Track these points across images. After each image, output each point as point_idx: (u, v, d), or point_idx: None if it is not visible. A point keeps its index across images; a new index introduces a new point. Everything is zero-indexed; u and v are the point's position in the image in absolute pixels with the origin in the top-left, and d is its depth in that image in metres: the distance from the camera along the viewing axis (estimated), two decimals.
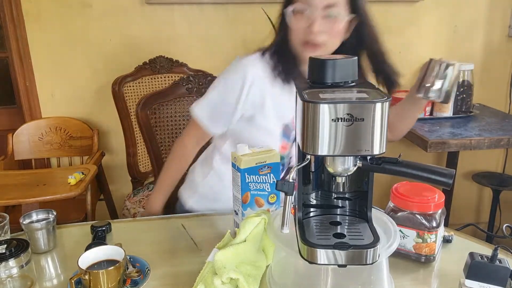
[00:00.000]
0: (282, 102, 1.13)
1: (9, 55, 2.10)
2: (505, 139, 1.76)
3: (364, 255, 0.65)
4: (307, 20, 1.04)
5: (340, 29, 1.07)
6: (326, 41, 1.06)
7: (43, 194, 1.57)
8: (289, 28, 1.09)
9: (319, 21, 1.03)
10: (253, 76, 1.11)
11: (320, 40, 1.05)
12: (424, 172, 0.64)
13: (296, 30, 1.07)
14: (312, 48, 1.06)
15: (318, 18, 1.03)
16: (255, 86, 1.11)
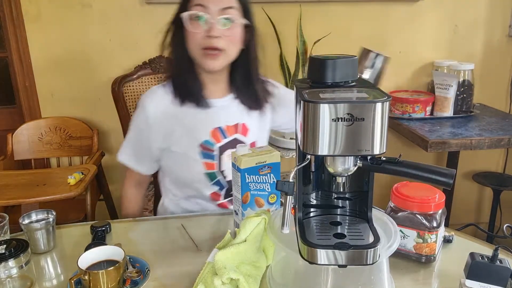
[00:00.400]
0: (191, 123, 1.15)
1: (8, 55, 2.10)
2: (505, 139, 1.76)
3: (364, 255, 0.65)
4: (206, 25, 1.05)
5: (238, 34, 1.09)
6: (225, 47, 1.06)
7: (43, 194, 1.57)
8: (186, 38, 1.08)
9: (217, 26, 1.04)
10: (153, 109, 1.14)
11: (220, 45, 1.05)
12: (424, 172, 0.64)
13: (194, 36, 1.06)
14: (212, 56, 1.06)
15: (216, 23, 1.04)
16: (157, 118, 1.14)
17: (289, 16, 2.11)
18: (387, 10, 2.22)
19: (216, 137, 1.16)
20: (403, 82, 2.35)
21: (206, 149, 1.16)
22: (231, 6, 1.06)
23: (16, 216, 0.97)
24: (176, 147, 1.16)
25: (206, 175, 1.17)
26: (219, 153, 1.17)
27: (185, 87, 1.14)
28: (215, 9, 1.04)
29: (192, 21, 1.06)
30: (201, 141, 1.15)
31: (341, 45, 2.21)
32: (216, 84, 1.17)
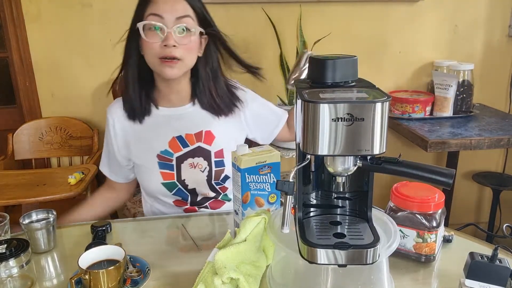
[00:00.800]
0: (148, 134, 1.16)
1: (9, 55, 2.10)
2: (505, 139, 1.76)
3: (364, 255, 0.65)
4: (161, 35, 1.04)
5: (194, 42, 1.08)
6: (182, 56, 1.05)
7: (43, 194, 1.57)
8: (142, 48, 1.08)
9: (173, 35, 1.03)
10: (112, 121, 1.18)
11: (177, 54, 1.04)
12: (424, 172, 0.64)
13: (151, 46, 1.05)
14: (169, 63, 1.05)
15: (172, 32, 1.03)
16: (117, 129, 1.17)
17: (289, 16, 2.11)
18: (387, 10, 2.22)
19: (175, 146, 1.15)
20: (403, 82, 2.35)
21: (164, 159, 1.15)
22: (187, 14, 1.05)
23: (17, 215, 0.97)
24: (135, 157, 1.18)
25: (164, 185, 1.16)
26: (178, 162, 1.16)
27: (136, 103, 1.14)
28: (170, 19, 1.03)
29: (148, 31, 1.05)
30: (158, 152, 1.15)
31: (341, 45, 2.21)
32: (177, 93, 1.16)
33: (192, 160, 1.16)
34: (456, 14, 2.26)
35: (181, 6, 1.05)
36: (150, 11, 1.04)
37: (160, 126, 1.16)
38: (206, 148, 1.17)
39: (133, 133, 1.17)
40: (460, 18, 2.27)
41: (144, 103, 1.15)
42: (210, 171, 1.17)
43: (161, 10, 1.03)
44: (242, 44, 2.20)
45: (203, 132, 1.17)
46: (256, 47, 2.19)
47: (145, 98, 1.15)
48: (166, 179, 1.16)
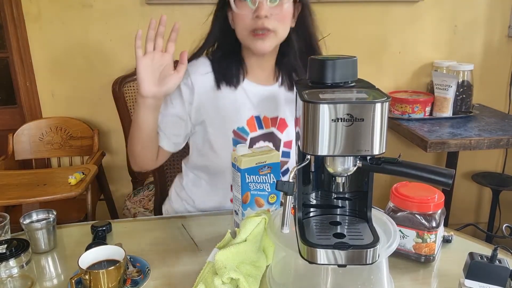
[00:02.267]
0: (229, 107, 1.09)
1: (9, 55, 2.10)
2: (504, 139, 1.76)
3: (364, 255, 0.65)
4: (252, 5, 0.99)
5: (287, 12, 1.02)
6: (276, 27, 1.01)
7: (44, 194, 1.58)
8: (234, 20, 1.03)
9: (265, 5, 0.98)
10: (196, 81, 1.08)
11: (270, 26, 1.00)
12: (423, 172, 0.64)
13: (242, 18, 1.01)
14: (262, 36, 1.00)
15: (263, 2, 0.98)
16: (197, 88, 1.08)
17: None
18: (387, 11, 2.22)
19: (252, 126, 1.11)
20: (403, 82, 2.35)
21: (239, 137, 1.10)
22: None
23: (17, 215, 0.97)
24: (210, 127, 1.10)
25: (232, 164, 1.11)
26: (250, 143, 1.11)
27: (228, 71, 1.09)
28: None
29: (238, 2, 1.00)
30: (235, 127, 1.10)
31: (341, 46, 2.21)
32: (263, 70, 1.12)
33: (263, 144, 1.12)
34: (456, 14, 2.26)
35: None
36: None
37: (242, 102, 1.11)
38: (278, 135, 1.14)
39: (213, 101, 1.09)
40: (460, 18, 2.27)
41: (235, 74, 1.09)
42: None
43: None
44: None
45: (278, 118, 1.13)
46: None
47: (235, 69, 1.09)
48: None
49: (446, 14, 2.26)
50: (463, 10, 2.26)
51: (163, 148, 1.11)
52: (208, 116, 1.10)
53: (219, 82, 1.09)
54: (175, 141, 1.12)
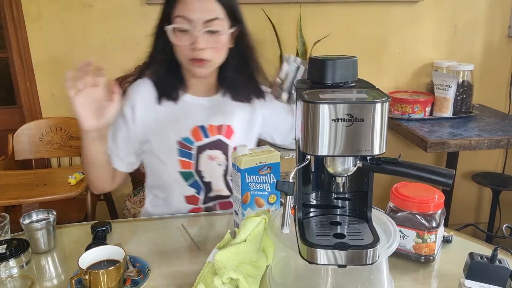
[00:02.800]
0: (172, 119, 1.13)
1: (9, 55, 2.10)
2: (504, 139, 1.76)
3: (364, 255, 0.65)
4: (190, 38, 1.02)
5: (224, 43, 1.07)
6: (212, 57, 1.06)
7: (43, 194, 1.58)
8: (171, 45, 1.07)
9: (201, 38, 1.02)
10: (135, 99, 1.13)
11: (206, 56, 1.04)
12: (424, 172, 0.64)
13: (180, 48, 1.05)
14: (200, 64, 1.05)
15: (200, 35, 1.01)
16: (139, 108, 1.13)
17: (289, 17, 2.11)
18: (387, 11, 2.22)
19: (197, 135, 1.14)
20: (403, 82, 2.35)
21: (184, 147, 1.14)
22: (216, 17, 1.03)
23: (17, 216, 0.97)
24: (155, 141, 1.14)
25: (181, 174, 1.15)
26: (197, 152, 1.15)
27: (168, 86, 1.13)
28: (199, 21, 1.01)
29: (177, 32, 1.04)
30: (179, 138, 1.13)
31: (341, 46, 2.21)
32: (205, 85, 1.17)
33: (211, 152, 1.15)
34: (456, 14, 2.26)
35: (210, 5, 1.03)
36: (178, 12, 1.02)
37: (185, 114, 1.14)
38: (226, 142, 1.16)
39: (155, 116, 1.14)
40: (460, 18, 2.27)
41: (175, 88, 1.14)
42: (227, 165, 1.17)
43: (189, 12, 1.01)
44: None
45: (225, 126, 1.17)
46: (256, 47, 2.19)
47: (175, 84, 1.14)
48: (184, 167, 1.14)
49: (446, 14, 2.26)
50: (463, 10, 2.26)
51: (118, 170, 1.16)
52: (152, 131, 1.14)
53: (160, 97, 1.14)
54: (128, 161, 1.17)
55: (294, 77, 0.99)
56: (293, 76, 0.98)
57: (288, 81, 0.98)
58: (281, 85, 0.99)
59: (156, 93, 1.14)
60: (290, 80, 0.98)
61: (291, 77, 0.97)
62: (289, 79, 0.98)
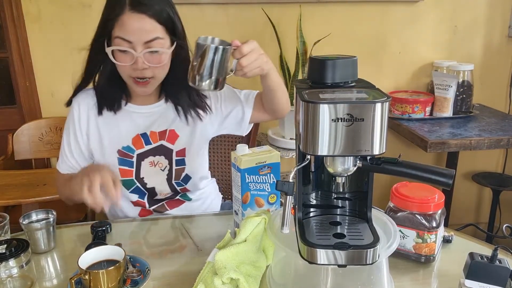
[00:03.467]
0: (113, 129, 1.14)
1: (9, 55, 2.10)
2: (505, 139, 1.76)
3: (364, 255, 0.65)
4: (131, 58, 1.01)
5: (165, 59, 1.05)
6: (154, 74, 1.05)
7: (43, 194, 1.58)
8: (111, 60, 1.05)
9: (142, 59, 1.00)
10: (78, 110, 1.15)
11: (148, 75, 1.04)
12: (424, 172, 0.64)
13: (121, 67, 1.04)
14: (143, 84, 1.05)
15: (141, 56, 1.00)
16: (82, 117, 1.14)
17: (289, 17, 2.11)
18: (387, 11, 2.22)
19: (137, 143, 1.15)
20: (403, 82, 2.35)
21: (125, 156, 1.15)
22: (156, 37, 1.00)
23: (17, 216, 0.97)
24: (96, 151, 1.16)
25: (121, 183, 1.12)
26: (138, 159, 1.15)
27: (109, 98, 1.13)
28: (139, 43, 0.99)
29: (117, 52, 1.02)
30: (120, 147, 1.14)
31: (341, 46, 2.21)
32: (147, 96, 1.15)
33: (153, 158, 1.16)
34: (455, 14, 2.26)
35: (149, 26, 1.00)
36: (118, 33, 1.00)
37: (126, 123, 1.15)
38: (169, 146, 1.16)
39: (96, 126, 1.15)
40: (460, 18, 2.27)
41: (116, 99, 1.13)
42: (170, 170, 1.18)
43: (128, 34, 0.99)
44: None
45: (167, 131, 1.16)
46: None
47: (117, 94, 1.13)
48: (124, 176, 1.15)
49: (446, 14, 2.26)
50: (463, 10, 2.26)
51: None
52: (93, 141, 1.16)
53: (100, 109, 1.14)
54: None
55: (213, 60, 0.86)
56: (211, 59, 0.86)
57: (206, 65, 0.86)
58: (197, 71, 0.87)
59: (97, 104, 1.14)
60: (208, 64, 0.86)
61: (209, 60, 0.85)
62: (207, 63, 0.86)
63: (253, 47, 0.91)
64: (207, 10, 2.11)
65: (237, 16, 2.14)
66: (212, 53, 0.85)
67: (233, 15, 2.14)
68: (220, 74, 0.88)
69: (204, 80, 0.87)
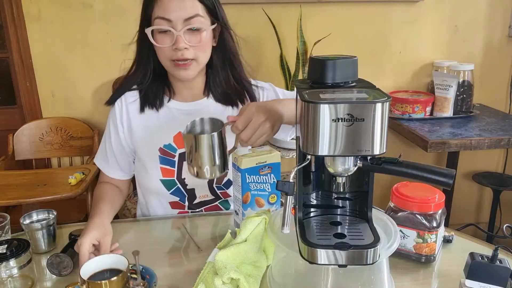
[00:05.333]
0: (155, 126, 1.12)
1: (9, 55, 2.10)
2: (505, 139, 1.76)
3: (364, 255, 0.65)
4: (171, 38, 0.99)
5: (206, 40, 1.03)
6: (196, 56, 1.02)
7: (44, 194, 1.58)
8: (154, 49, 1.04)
9: (183, 37, 0.99)
10: (120, 110, 1.14)
11: (190, 56, 1.01)
12: (424, 172, 0.64)
13: (162, 50, 1.02)
14: (184, 66, 1.02)
15: (181, 34, 0.98)
16: (125, 116, 1.13)
17: (289, 17, 2.11)
18: (387, 11, 2.22)
19: (180, 142, 1.12)
20: (403, 82, 2.35)
21: (166, 154, 1.12)
22: (196, 14, 0.99)
23: (17, 216, 0.97)
24: (139, 149, 1.14)
25: (162, 183, 1.13)
26: (180, 159, 1.12)
27: (151, 94, 1.12)
28: (179, 20, 0.98)
29: (157, 34, 1.01)
30: (161, 145, 1.12)
31: (341, 46, 2.21)
32: (191, 89, 1.14)
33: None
34: (456, 14, 2.26)
35: (189, 3, 0.99)
36: (157, 13, 1.00)
37: (169, 120, 1.13)
38: None
39: (140, 123, 1.13)
40: (460, 18, 2.27)
41: (158, 96, 1.12)
42: None
43: (168, 12, 0.98)
44: (242, 45, 2.20)
45: None
46: (256, 47, 2.19)
47: (159, 91, 1.12)
48: (165, 175, 1.13)
49: (446, 14, 2.26)
50: (463, 10, 2.26)
51: (122, 179, 1.20)
52: (136, 139, 1.14)
53: (143, 106, 1.13)
54: (129, 170, 1.20)
55: (210, 147, 0.77)
56: (206, 148, 0.77)
57: (203, 156, 0.78)
58: (197, 164, 0.80)
59: (140, 102, 1.13)
60: (205, 154, 0.78)
61: (204, 151, 0.77)
62: (203, 154, 0.78)
63: (249, 116, 0.84)
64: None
65: (237, 16, 2.14)
66: (204, 142, 0.78)
67: (233, 15, 2.13)
68: (222, 157, 0.81)
69: (208, 172, 0.80)
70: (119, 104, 1.14)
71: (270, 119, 0.87)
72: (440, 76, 2.05)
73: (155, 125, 1.13)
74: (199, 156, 0.78)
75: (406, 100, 2.05)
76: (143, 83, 1.12)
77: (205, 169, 0.79)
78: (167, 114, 1.13)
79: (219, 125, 0.84)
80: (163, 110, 1.13)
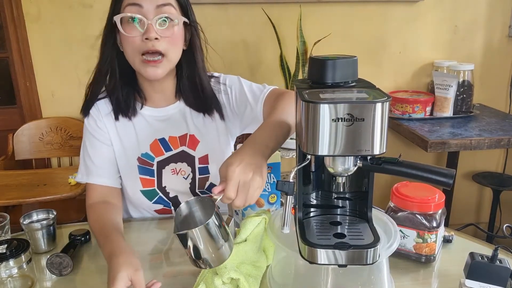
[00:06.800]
0: (130, 135, 1.08)
1: (9, 55, 2.10)
2: (505, 139, 1.76)
3: (364, 255, 0.65)
4: (142, 27, 0.94)
5: (178, 35, 0.99)
6: (166, 50, 0.97)
7: (44, 194, 1.58)
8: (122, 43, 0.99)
9: (154, 27, 0.94)
10: (96, 118, 1.08)
11: (161, 48, 0.95)
12: (424, 172, 0.64)
13: (131, 41, 0.96)
14: (153, 63, 0.96)
15: (153, 23, 0.94)
16: (102, 125, 1.08)
17: (289, 17, 2.11)
18: (387, 11, 2.22)
19: (157, 150, 1.09)
20: (403, 82, 2.35)
21: (144, 163, 1.09)
22: (168, 2, 0.95)
23: (17, 216, 0.98)
24: (118, 159, 1.09)
25: (143, 193, 1.10)
26: (159, 167, 1.09)
27: (123, 102, 1.06)
28: (150, 7, 0.94)
29: (126, 24, 0.95)
30: (139, 154, 1.08)
31: (341, 46, 2.21)
32: (161, 93, 1.09)
33: (175, 166, 1.10)
34: (456, 14, 2.26)
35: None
36: (128, 1, 0.94)
37: (143, 127, 1.09)
38: (190, 153, 1.10)
39: (116, 132, 1.09)
40: (460, 18, 2.27)
41: (130, 103, 1.07)
42: (193, 178, 1.11)
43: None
44: (242, 44, 2.20)
45: (188, 135, 1.10)
46: (256, 47, 2.19)
47: (130, 98, 1.07)
48: (145, 186, 1.09)
49: (446, 14, 2.26)
50: (463, 10, 2.26)
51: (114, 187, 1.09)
52: (115, 148, 1.09)
53: (116, 115, 1.07)
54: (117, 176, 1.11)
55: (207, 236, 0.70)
56: (202, 240, 0.70)
57: (201, 248, 0.71)
58: (199, 258, 0.73)
59: (113, 112, 1.08)
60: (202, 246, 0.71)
61: (201, 243, 0.70)
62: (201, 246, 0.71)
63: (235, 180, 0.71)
64: (207, 10, 2.11)
65: (237, 16, 2.14)
66: (197, 236, 0.70)
67: (233, 15, 2.14)
68: (225, 238, 0.72)
69: (212, 260, 0.72)
70: (96, 113, 1.09)
71: (257, 170, 0.73)
72: (440, 76, 2.05)
73: (130, 134, 1.09)
74: (206, 249, 0.71)
75: (406, 100, 2.05)
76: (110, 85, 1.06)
77: (215, 256, 0.72)
78: (141, 122, 1.09)
79: (208, 202, 0.74)
80: (137, 118, 1.09)
